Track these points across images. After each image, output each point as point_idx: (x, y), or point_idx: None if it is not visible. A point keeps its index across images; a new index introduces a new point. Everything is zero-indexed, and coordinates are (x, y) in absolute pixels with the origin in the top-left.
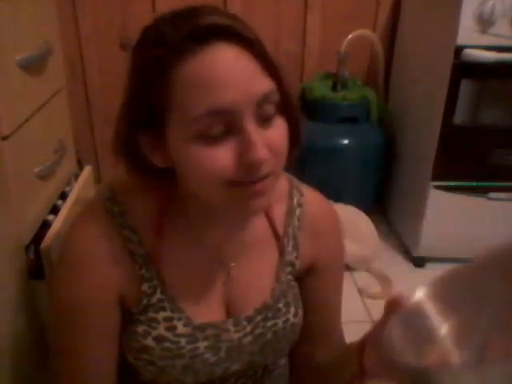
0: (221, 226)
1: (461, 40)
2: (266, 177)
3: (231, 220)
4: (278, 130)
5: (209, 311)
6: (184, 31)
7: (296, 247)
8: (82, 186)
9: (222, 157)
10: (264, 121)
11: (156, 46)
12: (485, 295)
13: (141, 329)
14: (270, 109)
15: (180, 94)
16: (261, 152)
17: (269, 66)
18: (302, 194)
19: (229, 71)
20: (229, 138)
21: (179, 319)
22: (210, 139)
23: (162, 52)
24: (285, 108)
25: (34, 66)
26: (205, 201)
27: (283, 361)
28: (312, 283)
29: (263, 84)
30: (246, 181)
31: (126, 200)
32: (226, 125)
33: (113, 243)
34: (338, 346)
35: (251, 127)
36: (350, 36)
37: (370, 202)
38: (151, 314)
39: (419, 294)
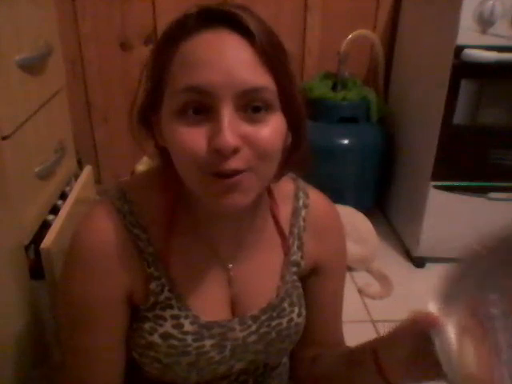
0: (223, 225)
1: (461, 40)
2: (239, 171)
3: (234, 220)
4: (269, 129)
5: (215, 310)
6: (194, 13)
7: (301, 247)
8: (82, 186)
9: (195, 138)
10: (252, 116)
11: (171, 26)
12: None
13: (148, 326)
14: (259, 105)
15: (174, 69)
16: (227, 138)
17: (272, 64)
18: (307, 196)
19: (217, 55)
20: (207, 121)
21: (186, 317)
22: (189, 119)
23: (173, 30)
24: (287, 110)
25: (33, 66)
26: (190, 189)
27: (284, 359)
28: (314, 284)
29: (254, 77)
30: (217, 171)
31: (136, 199)
32: (203, 106)
33: (122, 241)
34: (339, 350)
35: (226, 113)
36: (350, 36)
37: (369, 202)
38: (158, 312)
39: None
